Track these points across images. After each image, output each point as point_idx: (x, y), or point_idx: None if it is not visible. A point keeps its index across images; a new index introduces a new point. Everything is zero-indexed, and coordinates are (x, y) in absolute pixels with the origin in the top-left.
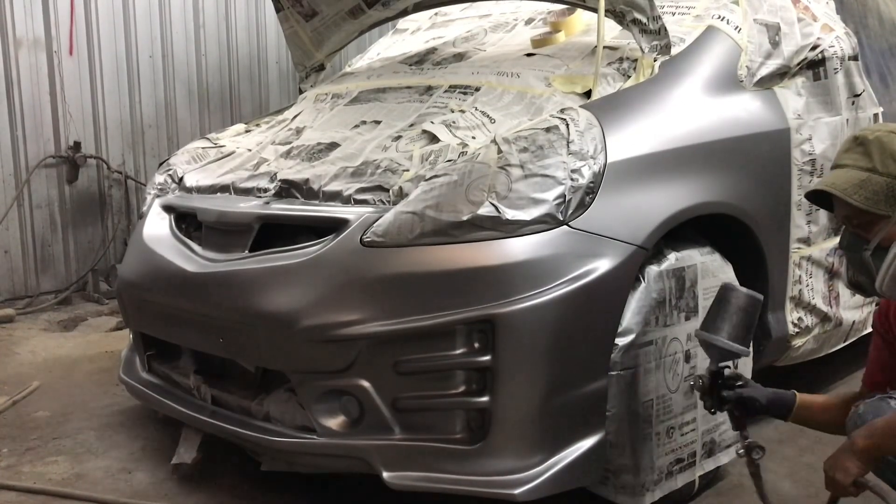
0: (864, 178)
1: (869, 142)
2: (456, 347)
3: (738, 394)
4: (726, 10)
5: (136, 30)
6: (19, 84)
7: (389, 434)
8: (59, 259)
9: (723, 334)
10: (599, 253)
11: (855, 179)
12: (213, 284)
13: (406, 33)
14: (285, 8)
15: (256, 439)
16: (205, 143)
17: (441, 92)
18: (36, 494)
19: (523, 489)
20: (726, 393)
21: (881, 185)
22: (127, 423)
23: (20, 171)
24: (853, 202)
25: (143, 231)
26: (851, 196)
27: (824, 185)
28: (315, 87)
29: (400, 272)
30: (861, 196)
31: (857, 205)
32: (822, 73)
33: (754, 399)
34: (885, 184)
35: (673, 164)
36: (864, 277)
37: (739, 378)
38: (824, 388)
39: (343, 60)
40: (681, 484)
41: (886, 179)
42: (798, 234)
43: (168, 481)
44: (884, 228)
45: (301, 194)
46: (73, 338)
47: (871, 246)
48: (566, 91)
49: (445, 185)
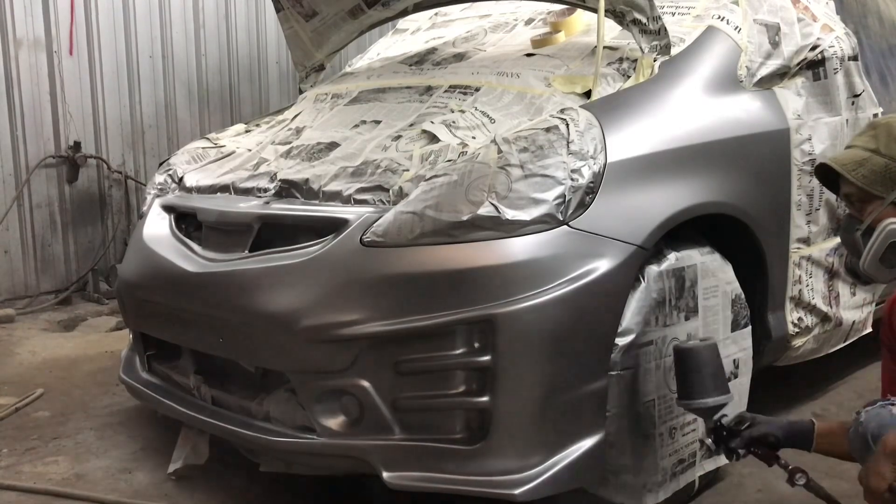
0: (865, 157)
1: (880, 125)
2: (456, 347)
3: (749, 436)
4: (726, 10)
5: (136, 30)
6: (19, 84)
7: (389, 434)
8: (59, 259)
9: (698, 395)
10: (599, 253)
11: (857, 157)
12: (214, 284)
13: (406, 33)
14: (285, 8)
15: (256, 439)
16: (205, 143)
17: (441, 92)
18: (36, 494)
19: (523, 489)
20: (734, 443)
21: (880, 165)
22: (127, 423)
23: (20, 171)
24: (850, 177)
25: (143, 231)
26: (850, 171)
27: (828, 160)
28: (315, 87)
29: (400, 272)
30: (859, 173)
31: (854, 181)
32: (821, 73)
33: (768, 435)
34: (884, 165)
35: (673, 164)
36: (856, 258)
37: (744, 420)
38: (824, 389)
39: (343, 60)
40: (682, 484)
41: (886, 161)
42: (798, 234)
43: (168, 481)
44: (877, 209)
45: (301, 194)
46: (73, 338)
47: (862, 226)
48: (566, 91)
49: (445, 185)
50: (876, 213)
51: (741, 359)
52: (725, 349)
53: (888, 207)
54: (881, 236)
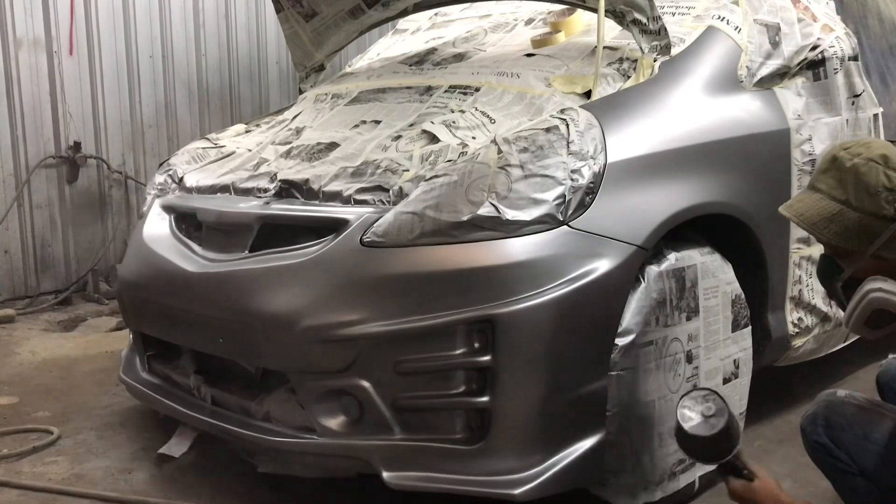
0: (835, 212)
1: (845, 170)
2: (456, 347)
3: None
4: (726, 11)
5: (136, 30)
6: (19, 84)
7: (389, 434)
8: (59, 259)
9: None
10: (599, 253)
11: (826, 212)
12: (214, 284)
13: (406, 33)
14: (285, 8)
15: (256, 439)
16: (205, 143)
17: (441, 92)
18: (37, 492)
19: (523, 489)
20: None
21: (853, 220)
22: (127, 423)
23: (20, 171)
24: (822, 237)
25: (143, 231)
26: (821, 231)
27: (795, 215)
28: (315, 87)
29: (400, 272)
30: (831, 231)
31: (827, 240)
32: (822, 73)
33: None
34: (857, 220)
35: (673, 164)
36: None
37: None
38: (824, 389)
39: (343, 60)
40: (682, 484)
41: (859, 215)
42: (798, 234)
43: (168, 482)
44: (857, 261)
45: (301, 194)
46: (73, 338)
47: (843, 277)
48: (566, 91)
49: (445, 186)
50: (857, 266)
51: (741, 359)
52: (725, 349)
53: (869, 260)
54: (863, 303)
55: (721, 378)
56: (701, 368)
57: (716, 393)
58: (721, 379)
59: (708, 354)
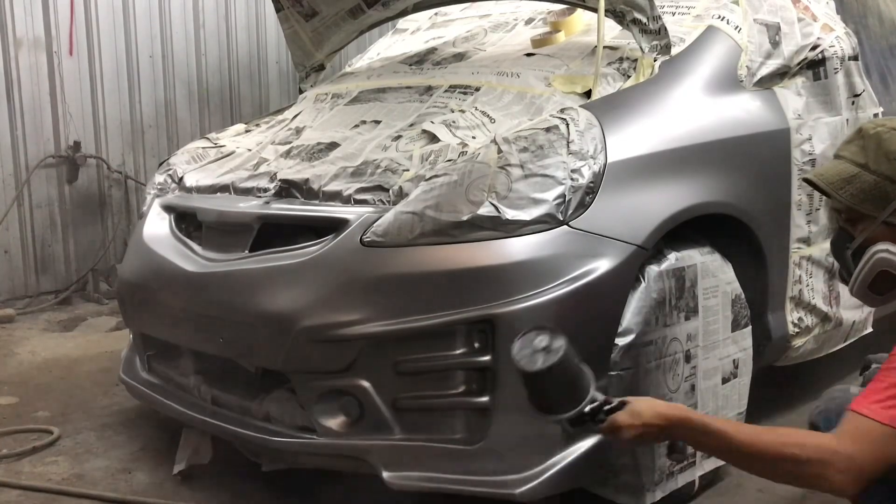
0: (853, 174)
1: (868, 136)
2: (456, 347)
3: None
4: (726, 10)
5: (136, 30)
6: (19, 84)
7: (389, 434)
8: (59, 259)
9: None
10: (599, 253)
11: (845, 174)
12: (214, 284)
13: (406, 33)
14: (285, 8)
15: (256, 439)
16: (205, 143)
17: (441, 92)
18: (37, 492)
19: (523, 489)
20: None
21: (869, 183)
22: (127, 423)
23: (20, 171)
24: (837, 196)
25: (143, 231)
26: (837, 191)
27: (814, 175)
28: (315, 87)
29: (400, 272)
30: (847, 192)
31: (842, 200)
32: (822, 72)
33: None
34: (874, 182)
35: (673, 163)
36: (847, 274)
37: None
38: (824, 389)
39: (343, 60)
40: (681, 484)
41: (875, 178)
42: (798, 234)
43: (168, 481)
44: (868, 228)
45: (301, 194)
46: (73, 338)
47: (853, 245)
48: (566, 91)
49: (445, 185)
50: (867, 233)
51: (741, 359)
52: (725, 349)
53: (880, 227)
54: (870, 263)
55: (720, 378)
56: (699, 368)
57: (540, 326)
58: (720, 378)
59: (706, 354)
